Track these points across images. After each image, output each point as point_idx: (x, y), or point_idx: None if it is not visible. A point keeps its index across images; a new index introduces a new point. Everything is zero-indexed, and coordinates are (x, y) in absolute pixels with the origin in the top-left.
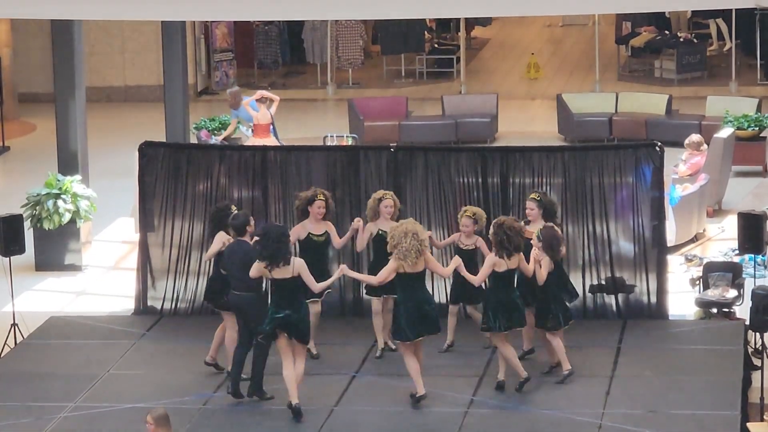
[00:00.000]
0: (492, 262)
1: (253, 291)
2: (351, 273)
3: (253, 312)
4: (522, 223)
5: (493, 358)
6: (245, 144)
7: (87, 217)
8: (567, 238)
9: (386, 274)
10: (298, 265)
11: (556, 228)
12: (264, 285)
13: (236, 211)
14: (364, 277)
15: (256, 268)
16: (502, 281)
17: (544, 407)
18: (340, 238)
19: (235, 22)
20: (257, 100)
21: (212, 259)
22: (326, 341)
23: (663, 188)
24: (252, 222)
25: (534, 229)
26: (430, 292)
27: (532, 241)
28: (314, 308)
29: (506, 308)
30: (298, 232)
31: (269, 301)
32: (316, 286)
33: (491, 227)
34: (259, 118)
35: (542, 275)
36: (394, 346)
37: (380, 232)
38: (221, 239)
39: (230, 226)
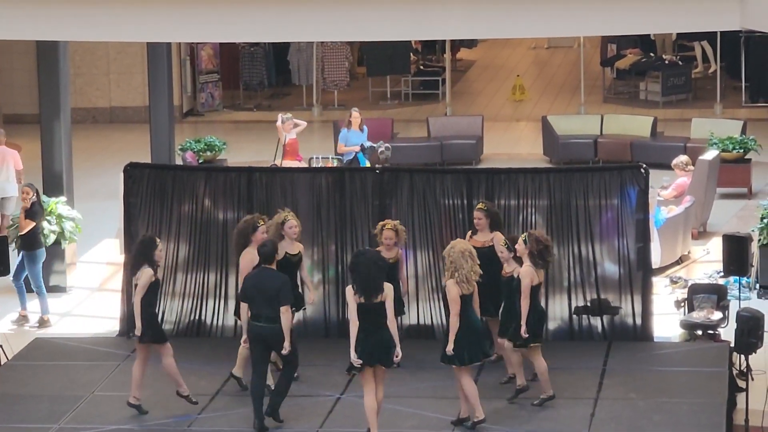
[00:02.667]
0: (530, 276)
1: (278, 322)
2: (394, 329)
3: (279, 343)
4: (470, 233)
5: (479, 377)
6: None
7: (72, 239)
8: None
9: (457, 307)
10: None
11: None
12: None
13: (262, 224)
14: (450, 338)
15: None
16: (535, 295)
17: (529, 428)
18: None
19: (220, 43)
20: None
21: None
22: (310, 362)
23: (648, 210)
24: (263, 230)
25: (482, 238)
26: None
27: (500, 254)
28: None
29: (540, 321)
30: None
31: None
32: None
33: (525, 241)
34: (290, 142)
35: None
36: None
37: (286, 254)
38: (250, 258)
39: (259, 254)
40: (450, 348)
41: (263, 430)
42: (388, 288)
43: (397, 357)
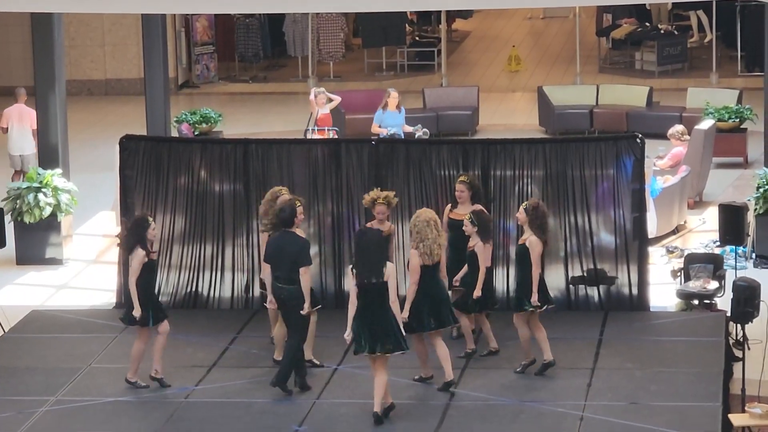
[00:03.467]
0: (539, 245)
1: (296, 284)
2: (397, 309)
3: (300, 304)
4: (448, 206)
5: (477, 349)
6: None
7: (68, 211)
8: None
9: (416, 276)
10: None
11: (485, 211)
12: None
13: (289, 199)
14: (405, 306)
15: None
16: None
17: (526, 399)
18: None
19: (215, 15)
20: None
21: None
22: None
23: (644, 180)
24: (300, 212)
25: (463, 211)
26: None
27: (464, 227)
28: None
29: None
30: None
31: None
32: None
33: (526, 211)
34: (322, 117)
35: (485, 258)
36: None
37: None
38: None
39: (278, 218)
40: (405, 315)
41: (305, 387)
42: (390, 268)
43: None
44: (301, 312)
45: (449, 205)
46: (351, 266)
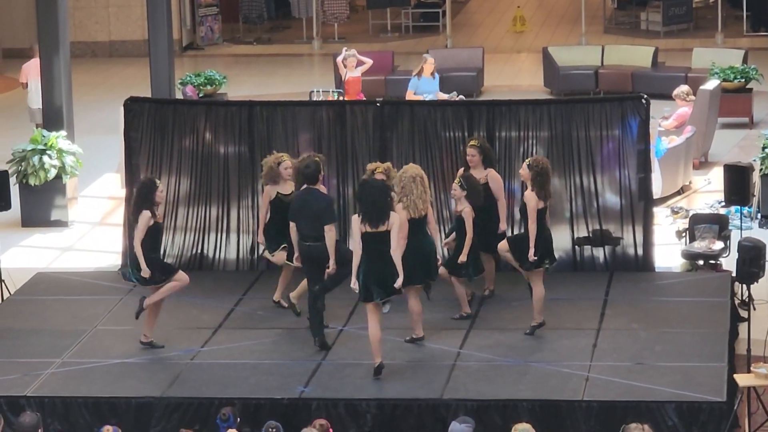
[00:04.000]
0: (534, 200)
1: (322, 241)
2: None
3: (326, 260)
4: (461, 170)
5: (481, 310)
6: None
7: (73, 173)
8: (554, 191)
9: (404, 231)
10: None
11: (497, 175)
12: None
13: (311, 155)
14: (398, 264)
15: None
16: (541, 219)
17: (531, 360)
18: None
19: None
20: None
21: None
22: None
23: (649, 141)
24: (323, 169)
25: (476, 175)
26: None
27: (453, 191)
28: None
29: (547, 245)
30: (269, 193)
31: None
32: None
33: (529, 167)
34: (351, 80)
35: (469, 224)
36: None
37: (278, 195)
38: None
39: (302, 174)
40: (400, 281)
41: (324, 347)
42: (394, 217)
43: (397, 286)
44: (328, 271)
45: (462, 168)
46: (357, 214)
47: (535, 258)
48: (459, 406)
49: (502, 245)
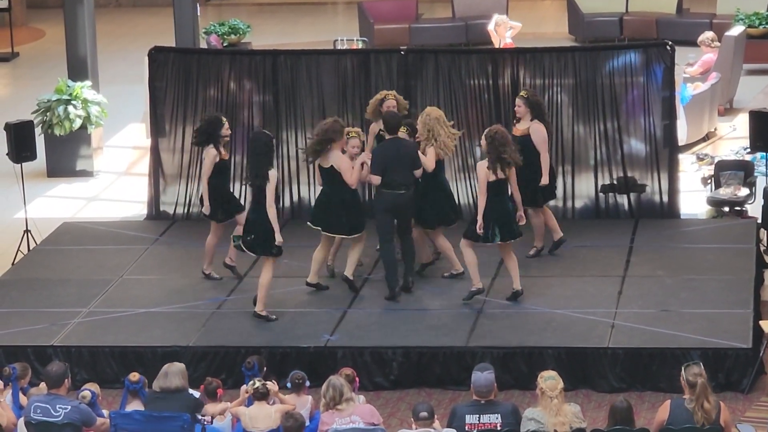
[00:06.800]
0: (484, 173)
1: (410, 189)
2: None
3: (412, 209)
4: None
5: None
6: None
7: (98, 123)
8: (578, 139)
9: (432, 163)
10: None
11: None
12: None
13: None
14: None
15: None
16: (497, 191)
17: (556, 307)
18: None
19: None
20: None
21: None
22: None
23: (674, 87)
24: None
25: (523, 126)
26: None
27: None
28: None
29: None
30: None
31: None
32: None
33: (485, 137)
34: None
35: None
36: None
37: (381, 131)
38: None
39: (385, 123)
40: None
41: (394, 298)
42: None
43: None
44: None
45: (515, 120)
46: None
47: (481, 231)
48: (485, 354)
49: None
